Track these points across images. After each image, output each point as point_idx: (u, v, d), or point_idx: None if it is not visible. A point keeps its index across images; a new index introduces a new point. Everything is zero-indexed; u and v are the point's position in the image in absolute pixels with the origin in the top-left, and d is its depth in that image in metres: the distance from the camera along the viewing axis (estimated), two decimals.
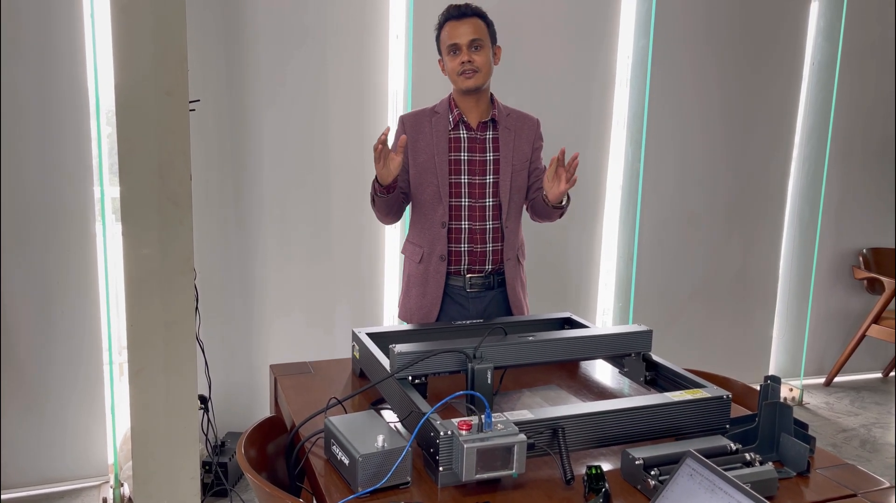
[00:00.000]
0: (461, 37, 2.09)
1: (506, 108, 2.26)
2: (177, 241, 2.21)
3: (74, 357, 2.83)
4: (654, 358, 1.83)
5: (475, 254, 2.21)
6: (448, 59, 2.14)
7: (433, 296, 2.22)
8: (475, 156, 2.21)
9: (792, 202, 4.08)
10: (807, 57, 3.93)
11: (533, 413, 1.46)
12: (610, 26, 3.51)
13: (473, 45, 2.10)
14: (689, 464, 1.14)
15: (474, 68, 2.10)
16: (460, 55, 2.10)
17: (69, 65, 2.69)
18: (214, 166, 2.99)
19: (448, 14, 2.14)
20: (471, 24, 2.11)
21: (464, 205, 2.20)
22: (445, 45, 2.14)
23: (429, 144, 2.19)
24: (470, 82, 2.12)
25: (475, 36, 2.10)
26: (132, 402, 2.25)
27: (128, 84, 2.11)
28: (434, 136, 2.19)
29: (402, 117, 2.27)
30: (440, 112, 2.22)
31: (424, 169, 2.19)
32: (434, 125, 2.21)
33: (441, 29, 2.16)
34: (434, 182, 2.19)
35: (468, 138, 2.21)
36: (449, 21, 2.13)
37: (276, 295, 3.16)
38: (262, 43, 2.98)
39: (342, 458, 1.36)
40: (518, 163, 2.24)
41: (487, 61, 2.13)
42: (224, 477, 2.78)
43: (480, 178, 2.21)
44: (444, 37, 2.15)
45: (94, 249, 2.81)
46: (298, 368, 1.97)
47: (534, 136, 2.28)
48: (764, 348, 4.15)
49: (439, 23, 2.17)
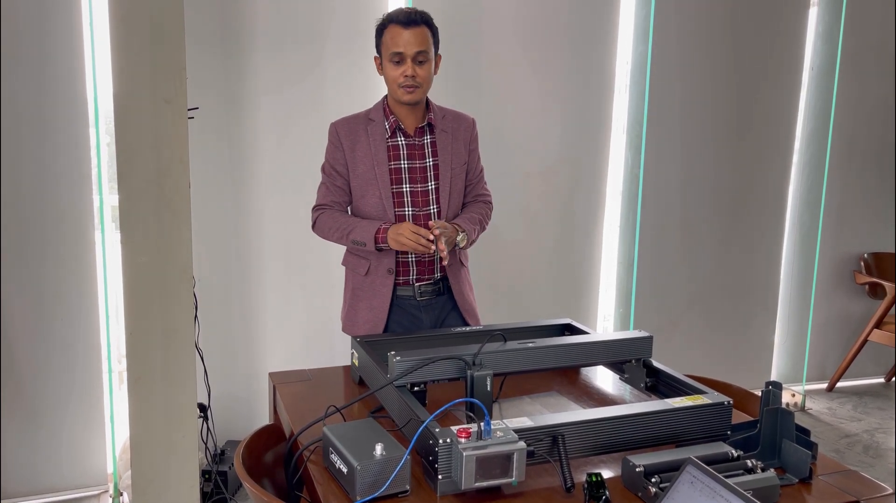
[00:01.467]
0: (406, 47, 2.01)
1: (441, 110, 2.21)
2: (176, 249, 2.21)
3: (73, 365, 2.82)
4: (654, 364, 1.82)
5: (423, 265, 2.17)
6: (389, 65, 2.06)
7: (380, 308, 2.16)
8: (415, 163, 2.15)
9: (792, 207, 4.07)
10: (806, 61, 3.93)
11: (533, 420, 1.45)
12: (609, 32, 3.51)
13: (418, 58, 2.03)
14: (690, 471, 1.13)
15: (416, 83, 2.04)
16: (403, 67, 2.03)
17: (68, 72, 2.69)
18: (213, 174, 2.99)
19: (395, 17, 2.05)
20: (418, 34, 2.02)
21: (408, 214, 2.14)
22: (388, 51, 2.05)
23: (367, 154, 2.13)
24: (410, 97, 2.06)
25: (421, 48, 2.02)
26: (131, 411, 2.24)
27: (126, 92, 2.11)
28: (371, 145, 2.13)
29: (334, 125, 2.20)
30: (375, 119, 2.16)
31: (365, 180, 2.14)
32: (370, 133, 2.14)
33: (384, 29, 2.07)
34: (376, 193, 2.13)
35: (406, 145, 2.15)
36: (394, 24, 2.04)
37: (275, 302, 3.15)
38: (260, 51, 2.98)
39: (340, 467, 1.35)
40: (457, 166, 2.20)
41: (429, 74, 2.08)
42: (224, 485, 2.76)
43: (423, 185, 2.16)
44: (386, 40, 2.06)
45: (93, 257, 2.81)
46: (297, 376, 1.96)
47: (469, 136, 2.24)
48: (765, 353, 4.13)
49: (383, 21, 2.08)
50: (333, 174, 2.19)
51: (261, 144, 3.04)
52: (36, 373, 2.78)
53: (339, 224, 2.14)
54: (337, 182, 2.19)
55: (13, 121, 2.65)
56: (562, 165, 3.53)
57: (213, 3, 2.90)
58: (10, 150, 2.66)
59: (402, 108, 2.13)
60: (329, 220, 2.17)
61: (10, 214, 2.68)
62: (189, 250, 2.22)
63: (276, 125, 3.05)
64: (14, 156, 2.67)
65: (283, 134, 3.06)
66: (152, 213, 2.16)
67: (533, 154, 3.43)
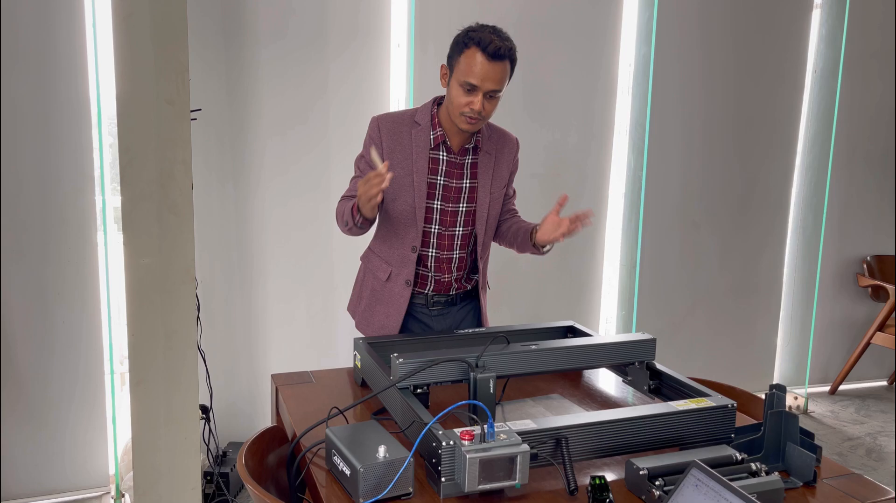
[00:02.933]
0: (484, 82, 1.87)
1: (488, 128, 2.11)
2: (178, 251, 2.21)
3: (75, 367, 2.82)
4: (658, 366, 1.81)
5: (441, 283, 2.13)
6: (458, 88, 1.90)
7: (396, 317, 2.12)
8: (451, 181, 2.05)
9: (795, 209, 4.07)
10: (809, 64, 3.92)
11: (536, 422, 1.45)
12: (611, 34, 3.51)
13: (490, 93, 1.90)
14: (694, 474, 1.12)
15: (481, 117, 1.92)
16: (472, 97, 1.88)
17: (70, 74, 2.69)
18: (215, 175, 2.99)
19: (482, 44, 1.86)
20: (499, 70, 1.88)
21: (433, 231, 2.07)
22: (462, 75, 1.89)
23: (407, 159, 2.01)
24: (470, 128, 1.95)
25: (497, 87, 1.89)
26: (133, 412, 2.24)
27: (129, 93, 2.11)
28: (414, 151, 2.01)
29: (377, 119, 2.06)
30: (421, 124, 2.03)
31: (400, 185, 2.02)
32: (414, 139, 2.02)
33: (465, 50, 1.89)
34: (410, 202, 2.03)
35: (447, 161, 2.04)
36: (479, 52, 1.86)
37: (277, 304, 3.15)
38: (263, 52, 2.98)
39: (343, 469, 1.34)
40: (496, 189, 2.11)
41: (495, 107, 1.95)
42: (225, 487, 2.76)
43: (454, 205, 2.07)
44: (463, 63, 1.89)
45: (95, 259, 2.81)
46: (300, 378, 1.95)
47: (512, 159, 2.16)
48: (768, 356, 4.13)
49: (464, 41, 1.90)
50: (367, 169, 2.05)
51: (263, 146, 3.04)
52: (38, 374, 2.78)
53: (343, 208, 2.03)
54: None
55: (16, 122, 2.65)
56: (564, 167, 3.52)
57: (216, 5, 2.90)
58: (12, 151, 2.66)
59: (454, 126, 2.00)
60: (339, 208, 2.06)
61: (12, 215, 2.69)
62: (191, 252, 2.22)
63: (278, 127, 3.05)
64: (17, 157, 2.67)
65: (285, 136, 3.06)
66: (155, 215, 2.16)
67: (535, 156, 3.43)
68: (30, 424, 2.79)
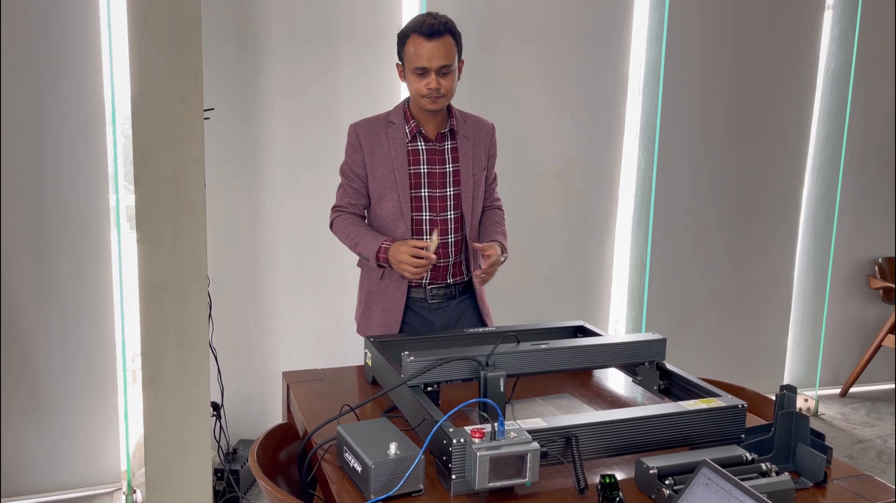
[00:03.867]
0: (430, 60, 1.97)
1: (462, 115, 2.19)
2: (190, 249, 2.23)
3: (88, 364, 2.84)
4: (668, 366, 1.82)
5: (438, 269, 2.16)
6: (412, 76, 2.02)
7: (395, 312, 2.16)
8: (435, 168, 2.13)
9: (806, 211, 4.05)
10: (821, 65, 3.90)
11: (546, 421, 1.45)
12: (622, 34, 3.51)
13: (441, 70, 1.99)
14: (705, 474, 1.13)
15: (440, 94, 2.01)
16: (426, 79, 1.99)
17: (85, 74, 2.72)
18: (228, 174, 3.01)
19: (417, 28, 1.99)
20: (441, 46, 1.97)
21: (425, 219, 2.13)
22: (411, 63, 2.01)
23: (387, 157, 2.11)
24: (434, 107, 2.04)
25: (445, 62, 1.98)
26: (145, 409, 2.26)
27: (143, 92, 2.13)
28: (392, 148, 2.11)
29: (354, 126, 2.16)
30: (395, 122, 2.13)
31: (384, 183, 2.12)
32: (391, 137, 2.11)
33: (406, 40, 2.02)
34: (394, 197, 2.11)
35: (427, 150, 2.13)
36: (417, 36, 1.98)
37: (288, 302, 3.16)
38: (275, 52, 3.00)
39: (354, 466, 1.35)
40: (477, 172, 2.19)
41: (453, 83, 2.04)
42: (236, 484, 2.78)
43: (441, 190, 2.14)
44: (409, 51, 2.01)
45: (108, 257, 2.83)
46: (311, 375, 1.97)
47: (489, 143, 2.23)
48: (778, 358, 4.11)
49: (405, 32, 2.03)
50: (352, 176, 2.16)
51: (275, 146, 3.06)
52: (51, 371, 2.80)
53: (349, 232, 2.13)
54: (354, 184, 2.16)
55: (30, 121, 2.68)
56: (575, 168, 3.52)
57: (230, 6, 2.92)
58: (27, 150, 2.69)
59: (424, 114, 2.11)
60: (342, 227, 2.16)
61: (27, 214, 2.71)
62: (204, 250, 2.24)
63: (291, 126, 3.06)
64: (31, 156, 2.70)
65: (297, 135, 3.08)
66: (168, 213, 2.18)
67: (546, 157, 3.43)
68: (43, 420, 2.81)
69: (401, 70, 2.10)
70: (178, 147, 2.17)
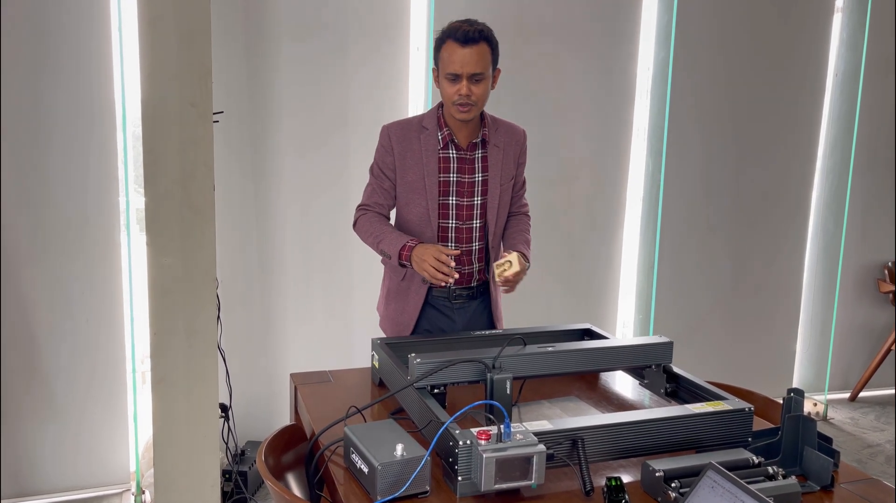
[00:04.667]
0: (464, 66, 1.97)
1: (494, 122, 2.19)
2: (200, 251, 2.24)
3: (97, 365, 2.86)
4: (675, 370, 1.82)
5: (463, 275, 2.17)
6: (445, 81, 2.03)
7: (410, 314, 2.19)
8: (464, 177, 2.14)
9: (815, 214, 4.04)
10: (830, 67, 3.89)
11: (552, 424, 1.46)
12: (631, 37, 3.51)
13: (474, 77, 1.99)
14: (711, 477, 1.13)
15: (471, 102, 2.01)
16: (458, 85, 1.99)
17: (96, 77, 2.74)
18: (236, 177, 3.03)
19: (453, 34, 1.99)
20: (476, 52, 1.97)
21: (451, 226, 2.15)
22: (445, 68, 2.02)
23: (418, 163, 2.11)
24: (464, 115, 2.03)
25: (478, 70, 1.98)
26: (154, 411, 2.27)
27: (153, 95, 2.15)
28: (423, 154, 2.11)
29: (387, 128, 2.16)
30: (429, 128, 2.12)
31: (413, 188, 2.13)
32: (423, 143, 2.11)
33: (442, 45, 2.02)
34: (423, 204, 2.12)
35: (457, 158, 2.13)
36: (452, 42, 1.99)
37: (296, 304, 3.18)
38: (284, 55, 3.01)
39: (361, 467, 1.36)
40: (505, 181, 2.19)
41: (486, 92, 2.04)
42: (244, 485, 2.79)
43: (469, 199, 2.15)
44: (444, 56, 2.02)
45: (118, 259, 2.85)
46: (318, 377, 1.98)
47: (519, 151, 2.23)
48: (787, 362, 4.09)
49: (441, 37, 2.03)
50: (381, 177, 2.16)
51: (284, 149, 3.07)
52: (61, 373, 2.82)
53: (374, 229, 2.12)
54: (384, 185, 2.16)
55: (40, 124, 2.70)
56: (582, 170, 3.53)
57: (240, 9, 2.94)
58: (37, 152, 2.71)
59: (457, 122, 2.10)
60: (367, 224, 2.15)
61: (38, 215, 2.73)
62: (213, 252, 2.25)
63: (300, 130, 3.08)
64: (41, 158, 2.72)
65: (306, 139, 3.09)
66: (177, 215, 2.20)
67: (554, 159, 3.44)
68: (53, 421, 2.83)
69: (436, 75, 2.10)
70: (188, 150, 2.18)
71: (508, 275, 2.00)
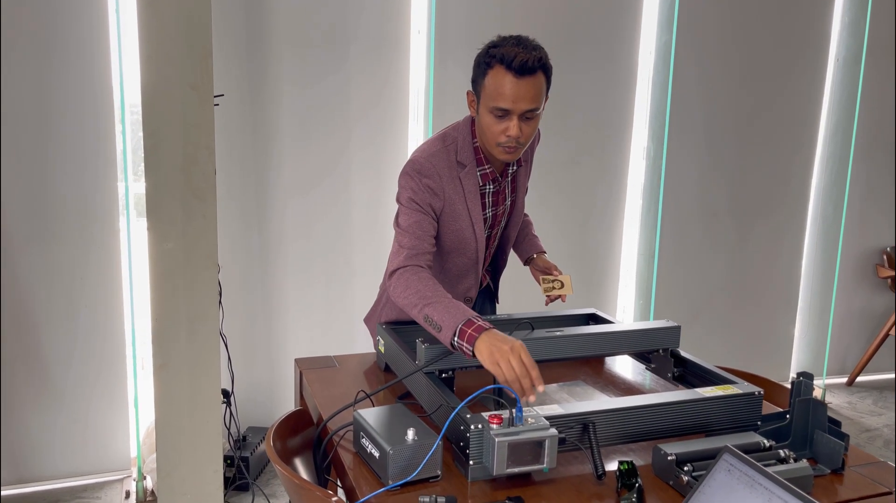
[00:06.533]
0: (517, 103, 1.61)
1: None
2: (201, 236, 2.22)
3: (98, 351, 2.85)
4: (682, 354, 1.81)
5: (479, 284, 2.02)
6: (488, 115, 1.65)
7: None
8: (498, 208, 1.89)
9: (815, 199, 4.04)
10: (831, 53, 3.88)
11: (562, 407, 1.45)
12: (632, 22, 3.49)
13: (526, 114, 1.64)
14: (727, 460, 1.12)
15: (521, 143, 1.67)
16: (508, 123, 1.64)
17: (94, 61, 2.70)
18: (238, 161, 3.00)
19: (506, 60, 1.60)
20: (533, 85, 1.62)
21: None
22: (490, 99, 1.64)
23: (463, 210, 1.78)
24: (509, 157, 1.71)
25: (533, 106, 1.63)
26: (156, 396, 2.26)
27: (154, 78, 2.12)
28: (468, 199, 1.77)
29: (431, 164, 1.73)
30: (466, 164, 1.77)
31: (459, 238, 1.82)
32: (465, 185, 1.76)
33: (488, 70, 1.63)
34: (472, 256, 1.86)
35: (492, 192, 1.85)
36: (504, 70, 1.60)
37: (298, 289, 3.16)
38: (285, 37, 2.98)
39: (372, 451, 1.35)
40: (524, 191, 1.99)
41: (536, 128, 1.70)
42: (246, 471, 2.79)
43: (498, 226, 1.95)
44: (489, 85, 1.63)
45: (118, 245, 2.83)
46: (323, 362, 1.96)
47: (532, 151, 1.98)
48: (786, 347, 4.11)
49: (486, 59, 1.64)
50: (426, 221, 1.72)
51: (286, 133, 3.05)
52: (62, 358, 2.80)
53: (424, 288, 1.60)
54: (431, 231, 1.74)
55: (38, 109, 2.67)
56: (583, 156, 3.51)
57: None
58: (35, 138, 2.68)
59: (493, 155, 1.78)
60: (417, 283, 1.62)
61: (35, 203, 2.71)
62: (214, 237, 2.23)
63: (301, 114, 3.05)
64: (40, 144, 2.69)
65: (307, 123, 3.07)
66: (178, 200, 2.17)
67: (554, 145, 3.42)
68: (54, 408, 2.82)
69: (473, 101, 1.73)
70: (189, 133, 2.16)
71: (557, 294, 1.95)
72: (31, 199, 2.70)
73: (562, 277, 1.97)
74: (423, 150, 1.78)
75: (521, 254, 2.16)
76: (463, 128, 1.79)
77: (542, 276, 2.02)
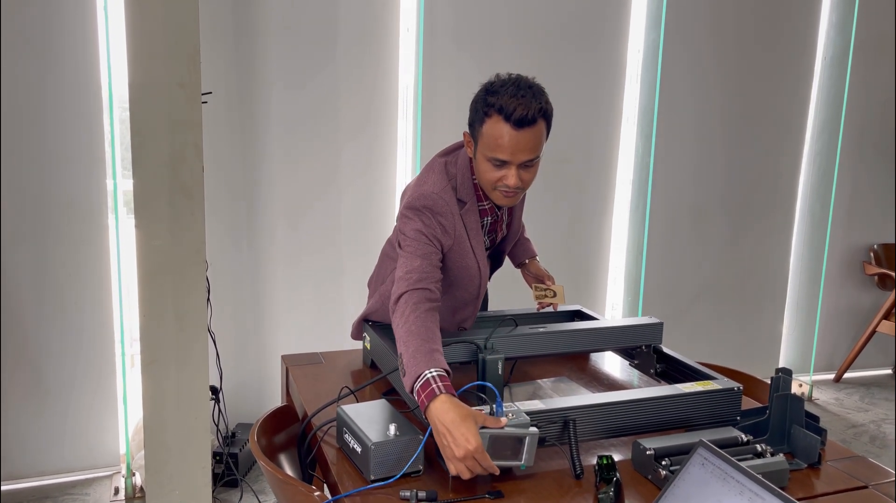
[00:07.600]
0: (515, 154, 1.56)
1: None
2: (189, 233, 2.23)
3: (87, 348, 2.85)
4: (665, 350, 1.83)
5: None
6: (485, 162, 1.61)
7: None
8: (496, 235, 1.88)
9: (802, 197, 4.06)
10: (819, 51, 3.91)
11: (544, 403, 1.47)
12: (620, 20, 3.50)
13: (527, 164, 1.60)
14: (701, 454, 1.14)
15: (520, 188, 1.63)
16: (506, 172, 1.59)
17: (82, 58, 2.70)
18: (225, 158, 3.01)
19: (505, 111, 1.54)
20: (531, 137, 1.55)
21: None
22: (487, 149, 1.59)
23: (468, 250, 1.74)
24: (509, 202, 1.67)
25: (532, 156, 1.58)
26: (144, 393, 2.27)
27: (141, 76, 2.12)
28: (471, 237, 1.73)
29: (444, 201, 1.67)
30: (467, 201, 1.71)
31: (463, 276, 1.78)
32: (468, 224, 1.71)
33: (486, 119, 1.57)
34: (474, 292, 1.82)
35: (490, 223, 1.82)
36: (502, 121, 1.55)
37: (286, 286, 3.17)
38: (273, 35, 2.98)
39: (355, 446, 1.37)
40: (521, 214, 1.97)
41: (535, 173, 1.65)
42: (234, 467, 2.80)
43: (494, 251, 1.95)
44: (487, 134, 1.58)
45: (106, 242, 2.83)
46: (310, 359, 1.98)
47: None
48: (773, 343, 4.14)
49: (484, 107, 1.58)
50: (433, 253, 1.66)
51: (273, 130, 3.05)
52: (50, 356, 2.81)
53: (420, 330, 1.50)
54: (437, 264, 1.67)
55: (26, 106, 2.67)
56: (572, 154, 3.53)
57: None
58: (24, 135, 2.68)
59: None
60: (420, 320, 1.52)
61: (25, 199, 2.71)
62: (202, 234, 2.24)
63: (289, 111, 3.06)
64: (28, 141, 2.69)
65: (295, 118, 3.07)
66: (166, 197, 2.18)
67: None
68: (42, 404, 2.82)
69: (470, 143, 1.67)
70: (176, 131, 2.16)
71: (549, 302, 1.96)
72: (20, 196, 2.70)
73: (554, 287, 1.97)
74: (432, 184, 1.70)
75: (513, 259, 2.15)
76: (462, 164, 1.73)
77: (535, 284, 2.01)
